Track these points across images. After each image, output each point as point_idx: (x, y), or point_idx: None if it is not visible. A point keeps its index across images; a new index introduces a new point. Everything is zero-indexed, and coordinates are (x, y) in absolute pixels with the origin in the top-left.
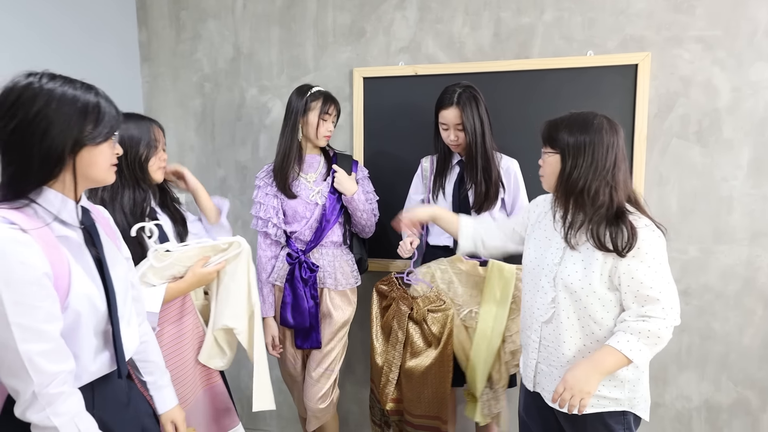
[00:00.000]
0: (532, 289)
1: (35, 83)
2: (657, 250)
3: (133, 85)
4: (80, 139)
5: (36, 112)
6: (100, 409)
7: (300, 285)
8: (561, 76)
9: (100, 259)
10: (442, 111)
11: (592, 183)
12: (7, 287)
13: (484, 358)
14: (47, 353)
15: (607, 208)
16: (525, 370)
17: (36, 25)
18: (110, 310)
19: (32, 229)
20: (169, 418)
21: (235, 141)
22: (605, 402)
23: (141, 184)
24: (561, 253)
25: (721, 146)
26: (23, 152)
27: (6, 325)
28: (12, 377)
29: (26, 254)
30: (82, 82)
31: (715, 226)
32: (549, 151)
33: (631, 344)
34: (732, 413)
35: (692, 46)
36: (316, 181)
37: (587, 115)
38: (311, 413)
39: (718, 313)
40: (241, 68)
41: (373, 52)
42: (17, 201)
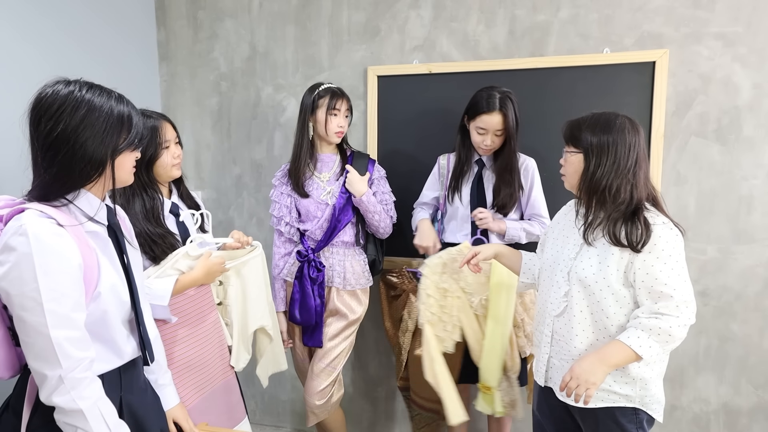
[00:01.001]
0: (547, 285)
1: (76, 92)
2: (673, 248)
3: (152, 83)
4: (117, 147)
5: (79, 120)
6: (127, 391)
7: (308, 283)
8: (576, 73)
9: (122, 254)
10: (483, 116)
11: (613, 182)
12: (44, 275)
13: (501, 343)
14: (75, 340)
15: (626, 206)
16: (537, 365)
17: (65, 27)
18: (133, 300)
19: (68, 225)
20: (171, 416)
21: (250, 139)
22: (615, 397)
23: (147, 189)
24: (578, 248)
25: (742, 144)
26: (65, 157)
27: (41, 312)
28: (41, 361)
29: (63, 246)
30: (116, 93)
31: (735, 226)
32: (572, 151)
33: (641, 341)
34: (752, 417)
35: (712, 42)
36: (329, 180)
37: (609, 115)
38: (309, 408)
39: (738, 314)
40: (256, 67)
41: (387, 50)
42: (55, 201)
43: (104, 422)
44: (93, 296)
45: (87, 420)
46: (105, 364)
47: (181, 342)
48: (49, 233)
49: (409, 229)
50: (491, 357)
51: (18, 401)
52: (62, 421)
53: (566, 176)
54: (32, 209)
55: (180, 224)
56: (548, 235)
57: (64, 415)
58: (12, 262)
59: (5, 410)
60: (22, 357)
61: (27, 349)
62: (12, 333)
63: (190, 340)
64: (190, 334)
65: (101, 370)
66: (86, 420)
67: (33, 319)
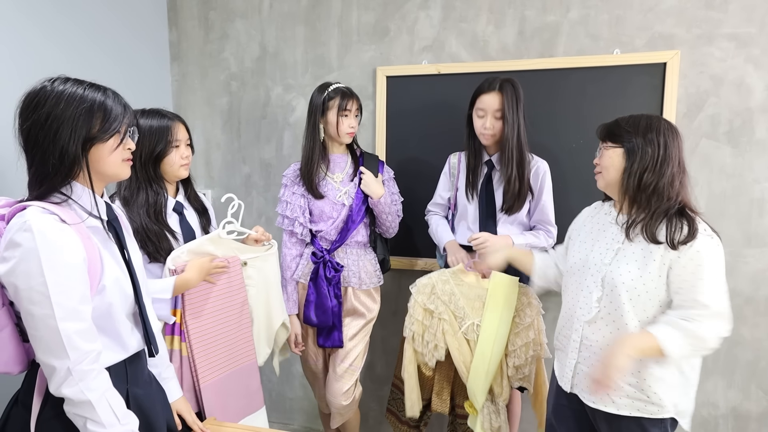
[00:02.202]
0: (575, 290)
1: (48, 86)
2: (716, 259)
3: (163, 83)
4: (89, 137)
5: (47, 113)
6: (133, 383)
7: (324, 284)
8: (586, 75)
9: (123, 249)
10: (482, 96)
11: (660, 180)
12: (51, 270)
13: (486, 370)
14: (82, 332)
15: (671, 205)
16: (562, 370)
17: (80, 26)
18: (136, 293)
19: (70, 221)
20: (175, 408)
21: (260, 139)
22: (653, 408)
23: (153, 184)
24: (613, 253)
25: (754, 147)
26: (40, 152)
27: (48, 305)
28: (49, 353)
29: (67, 241)
30: (91, 83)
31: (746, 229)
32: (610, 145)
33: (672, 337)
34: (762, 423)
35: (724, 43)
36: (342, 181)
37: (651, 116)
38: (335, 410)
39: (748, 318)
40: (266, 67)
41: (396, 51)
42: (53, 197)
43: (113, 412)
44: (98, 290)
45: (96, 410)
46: (111, 356)
47: (209, 316)
48: (53, 228)
49: (416, 228)
50: (477, 379)
51: (27, 395)
52: (72, 412)
53: (603, 173)
54: (34, 206)
55: (183, 223)
56: (573, 239)
57: (73, 406)
58: (18, 258)
59: (14, 405)
60: (31, 352)
61: (36, 343)
62: (20, 329)
63: (219, 315)
64: (219, 309)
65: (107, 362)
66: (95, 410)
67: (41, 312)
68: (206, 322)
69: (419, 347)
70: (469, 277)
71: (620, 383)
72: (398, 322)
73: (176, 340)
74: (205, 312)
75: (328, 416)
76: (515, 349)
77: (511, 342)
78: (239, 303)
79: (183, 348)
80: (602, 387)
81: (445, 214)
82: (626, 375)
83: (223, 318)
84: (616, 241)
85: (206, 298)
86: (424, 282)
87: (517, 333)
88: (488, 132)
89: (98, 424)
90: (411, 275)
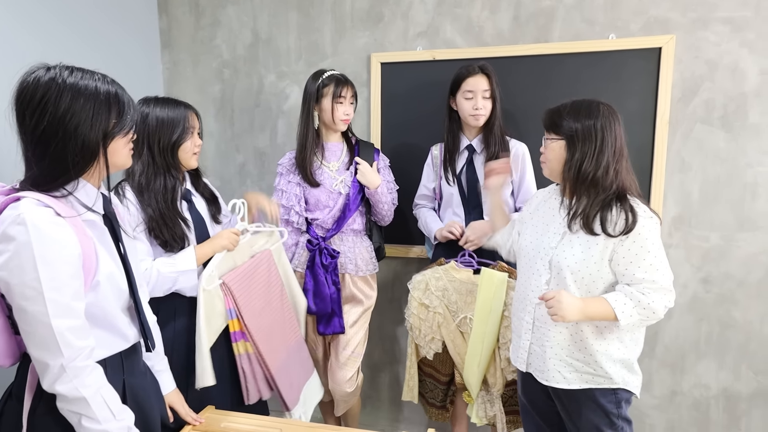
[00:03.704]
0: (527, 273)
1: (57, 78)
2: (656, 237)
3: (154, 71)
4: (109, 131)
5: (65, 109)
6: (129, 374)
7: (321, 271)
8: (582, 60)
9: (118, 243)
10: (467, 79)
11: (598, 169)
12: (44, 265)
13: (479, 362)
14: (75, 329)
15: (610, 194)
16: (517, 351)
17: (66, 14)
18: (131, 288)
19: (66, 214)
20: (168, 401)
21: (253, 127)
22: (600, 380)
23: (171, 170)
24: (559, 237)
25: (747, 131)
26: (57, 149)
27: (42, 301)
28: (42, 350)
29: (62, 235)
30: (99, 73)
31: (739, 213)
32: (553, 138)
33: (625, 306)
34: (751, 403)
35: (719, 27)
36: (338, 170)
37: (591, 102)
38: (339, 397)
39: (740, 301)
40: (259, 54)
41: (390, 37)
42: (54, 191)
43: (108, 408)
44: (92, 285)
45: (90, 407)
46: (107, 349)
47: (261, 311)
48: (47, 222)
49: (410, 216)
50: (471, 369)
51: (21, 389)
52: (66, 409)
53: (547, 163)
54: (29, 198)
55: (192, 210)
56: (526, 222)
57: (67, 402)
58: (11, 252)
59: (9, 398)
60: (22, 345)
61: (28, 339)
62: (11, 322)
63: (268, 308)
64: (267, 302)
65: (104, 354)
66: (90, 407)
67: (34, 309)
68: (261, 318)
69: (417, 339)
70: (461, 274)
71: (568, 359)
72: (395, 309)
73: (242, 344)
74: (258, 309)
75: (327, 404)
76: (506, 342)
77: (502, 335)
78: (279, 290)
79: (248, 347)
80: (552, 303)
81: (433, 205)
82: (573, 352)
83: (271, 309)
84: (563, 225)
85: (255, 297)
86: (418, 279)
87: (507, 326)
88: (481, 112)
89: (93, 420)
90: (406, 262)
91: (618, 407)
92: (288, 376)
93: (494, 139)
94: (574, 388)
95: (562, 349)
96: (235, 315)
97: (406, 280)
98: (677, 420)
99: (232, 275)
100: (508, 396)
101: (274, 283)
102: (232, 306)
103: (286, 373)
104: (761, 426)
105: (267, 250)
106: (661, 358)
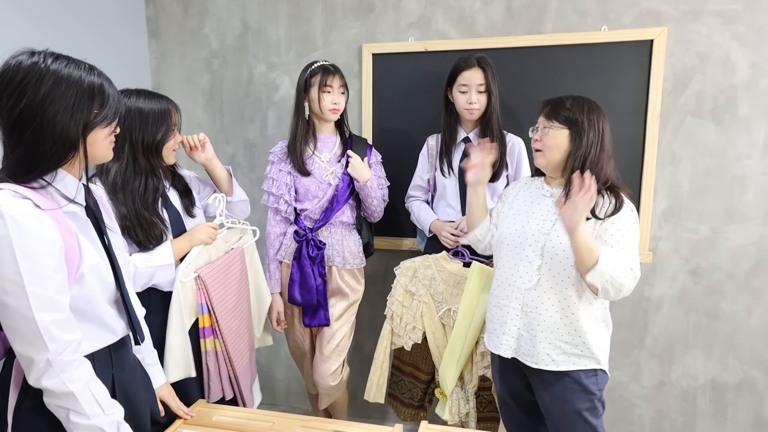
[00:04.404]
0: (513, 261)
1: (41, 63)
2: (634, 229)
3: (142, 60)
4: (89, 122)
5: (45, 94)
6: (118, 369)
7: (307, 263)
8: (574, 52)
9: (102, 234)
10: (464, 72)
11: (599, 159)
12: (24, 258)
13: (458, 356)
14: (60, 322)
15: (603, 183)
16: (501, 338)
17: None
18: (117, 280)
19: (45, 206)
20: (158, 395)
21: (243, 118)
22: (586, 361)
23: (156, 171)
24: (550, 224)
25: (737, 124)
26: (33, 135)
27: (23, 295)
28: (27, 345)
29: (42, 228)
30: (86, 63)
31: (727, 205)
32: (556, 126)
33: (608, 255)
34: (737, 392)
35: (711, 20)
36: (330, 161)
37: (588, 99)
38: (323, 390)
39: (728, 293)
40: (249, 44)
41: (382, 27)
42: (32, 182)
43: (96, 403)
44: (76, 278)
45: (78, 402)
46: (96, 342)
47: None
48: (25, 214)
49: (402, 208)
50: (449, 363)
51: (5, 385)
52: (53, 404)
53: (544, 152)
54: (5, 189)
55: (169, 206)
56: (505, 212)
57: (54, 398)
58: None
59: None
60: (6, 341)
61: (11, 334)
62: None
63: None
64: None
65: (92, 348)
66: (78, 402)
67: (16, 303)
68: (232, 315)
69: (397, 328)
70: (451, 265)
71: (557, 342)
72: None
73: (211, 340)
74: (230, 306)
75: (315, 397)
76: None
77: (483, 330)
78: (247, 290)
79: (217, 344)
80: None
81: (426, 197)
82: (563, 335)
83: (240, 308)
84: (552, 212)
85: (229, 293)
86: (407, 265)
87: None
88: (475, 106)
89: (82, 415)
90: (398, 255)
91: (599, 389)
92: (248, 378)
93: (491, 133)
94: (562, 369)
95: (552, 333)
96: (207, 310)
97: None
98: (665, 410)
99: (207, 269)
100: (487, 401)
101: (244, 282)
102: (205, 300)
103: (246, 374)
104: (746, 415)
105: (240, 248)
106: (650, 349)
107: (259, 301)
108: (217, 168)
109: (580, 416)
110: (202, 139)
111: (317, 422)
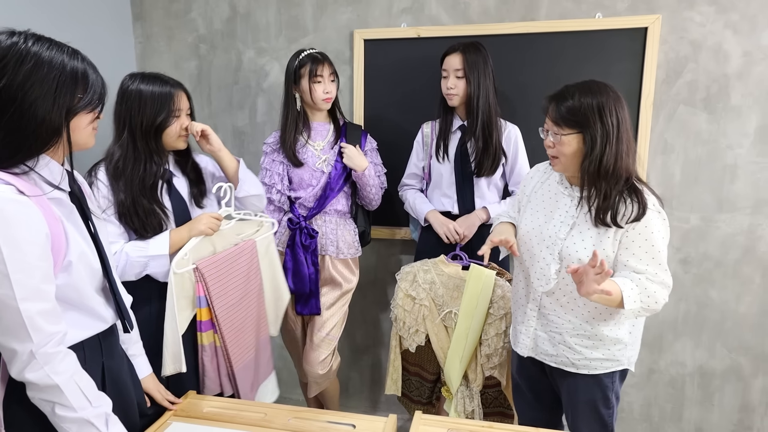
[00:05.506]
0: (530, 259)
1: (21, 44)
2: (663, 233)
3: (126, 45)
4: (72, 107)
5: (25, 76)
6: (108, 357)
7: (300, 251)
8: (568, 39)
9: (87, 221)
10: (446, 57)
11: (617, 160)
12: (9, 246)
13: (461, 357)
14: (45, 313)
15: (625, 181)
16: (519, 337)
17: None
18: (104, 267)
19: (30, 193)
20: (144, 386)
21: (232, 105)
22: (608, 364)
23: (154, 156)
24: (567, 228)
25: (728, 113)
26: (13, 119)
27: (8, 284)
28: (10, 336)
29: (27, 215)
30: (69, 47)
31: (718, 194)
32: (569, 133)
33: (632, 291)
34: (724, 379)
35: (705, 8)
36: (323, 149)
37: (600, 87)
38: (312, 379)
39: (717, 281)
40: (237, 29)
41: (374, 13)
42: (14, 167)
43: (83, 395)
44: (63, 266)
45: (64, 394)
46: (86, 330)
47: (236, 304)
48: (9, 201)
49: (396, 197)
50: (453, 364)
51: None
52: (37, 397)
53: (560, 159)
54: None
55: (173, 194)
56: (526, 206)
57: (38, 391)
58: None
59: None
60: None
61: None
62: None
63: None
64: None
65: (82, 337)
66: (63, 394)
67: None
68: (235, 310)
69: (401, 331)
70: (450, 268)
71: (577, 348)
72: (377, 291)
73: (208, 335)
74: (232, 301)
75: (306, 385)
76: (488, 339)
77: (485, 332)
78: (257, 285)
79: (215, 339)
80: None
81: (420, 186)
82: (583, 339)
83: (246, 303)
84: (570, 215)
85: (232, 288)
86: (407, 270)
87: (491, 323)
88: (451, 92)
89: (68, 408)
90: (391, 245)
91: (615, 384)
92: (249, 376)
93: (475, 120)
94: (582, 373)
95: (571, 338)
96: (205, 304)
97: (391, 263)
98: (653, 397)
99: (207, 261)
100: (493, 398)
101: (253, 276)
102: (204, 294)
103: (248, 372)
104: (732, 400)
105: (251, 240)
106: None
107: (275, 297)
108: (225, 160)
109: (591, 406)
110: (199, 131)
111: (310, 413)
